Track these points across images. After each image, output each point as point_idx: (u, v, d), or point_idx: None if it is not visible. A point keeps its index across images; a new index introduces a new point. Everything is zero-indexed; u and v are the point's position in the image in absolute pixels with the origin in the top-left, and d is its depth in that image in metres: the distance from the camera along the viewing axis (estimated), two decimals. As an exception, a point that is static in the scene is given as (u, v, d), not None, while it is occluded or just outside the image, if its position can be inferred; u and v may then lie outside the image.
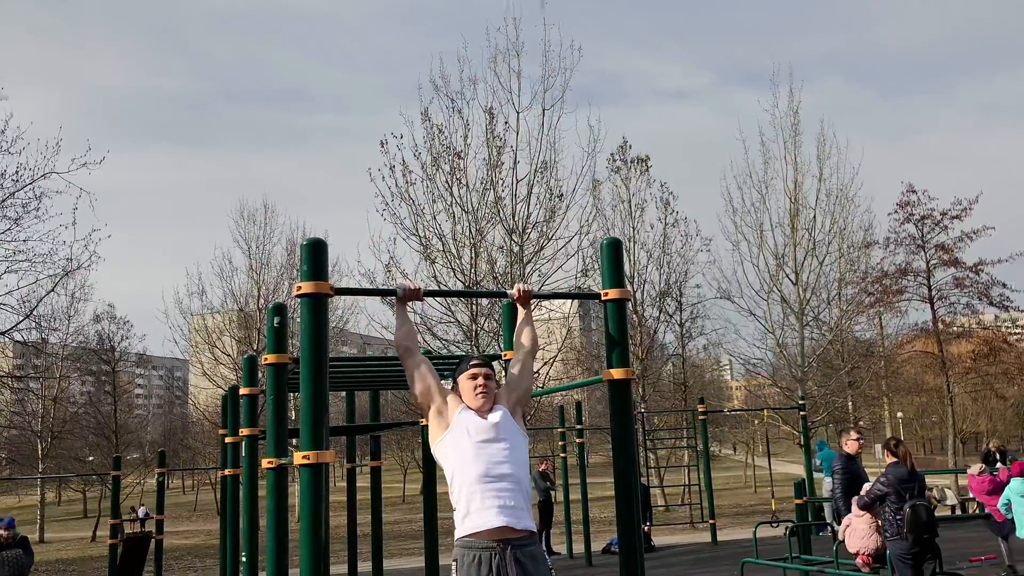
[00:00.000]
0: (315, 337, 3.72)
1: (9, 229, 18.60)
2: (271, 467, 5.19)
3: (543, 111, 20.26)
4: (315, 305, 3.74)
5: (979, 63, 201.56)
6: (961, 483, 26.56)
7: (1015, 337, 36.59)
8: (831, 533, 11.47)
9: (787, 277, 25.84)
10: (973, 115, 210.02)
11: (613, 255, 4.38)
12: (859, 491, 7.99)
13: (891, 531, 7.33)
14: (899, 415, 45.08)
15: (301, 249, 3.82)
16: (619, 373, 4.21)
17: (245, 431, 7.53)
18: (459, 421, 3.86)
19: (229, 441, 9.66)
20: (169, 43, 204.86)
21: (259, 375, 7.82)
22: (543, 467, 17.41)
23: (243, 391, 7.59)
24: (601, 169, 30.43)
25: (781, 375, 28.73)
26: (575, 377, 30.91)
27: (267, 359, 5.31)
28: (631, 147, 28.38)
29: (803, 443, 17.51)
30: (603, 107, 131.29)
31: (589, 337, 40.51)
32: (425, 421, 3.98)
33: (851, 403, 30.36)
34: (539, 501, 16.41)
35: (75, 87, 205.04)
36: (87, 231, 29.06)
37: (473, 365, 4.00)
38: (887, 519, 7.38)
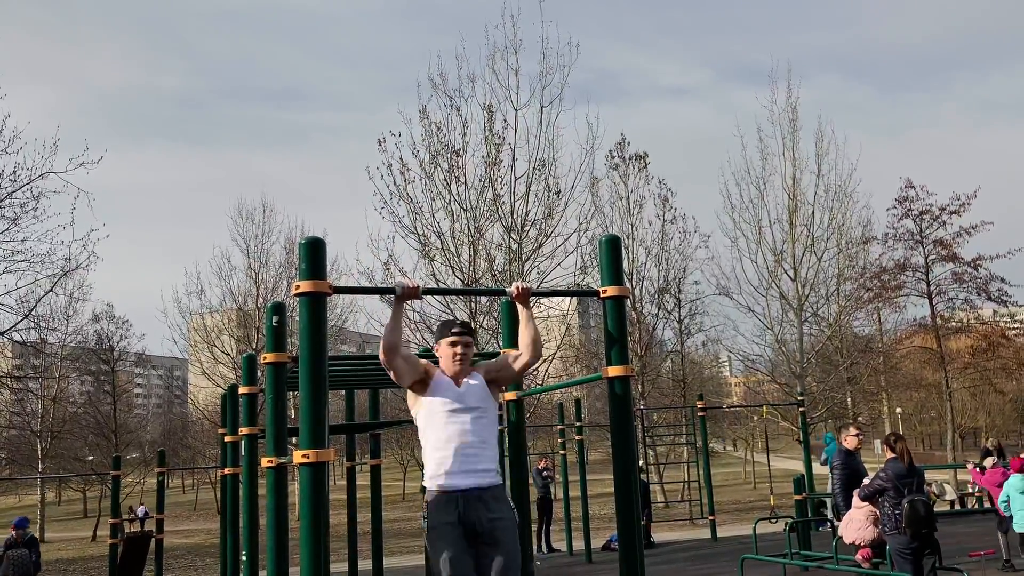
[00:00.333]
0: (314, 336, 3.72)
1: (7, 229, 18.60)
2: (271, 466, 5.20)
3: (541, 108, 20.26)
4: (314, 304, 3.74)
5: (977, 59, 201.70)
6: (960, 478, 26.63)
7: (1013, 332, 36.56)
8: (830, 529, 11.49)
9: (786, 273, 25.86)
10: (971, 111, 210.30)
11: (612, 252, 4.38)
12: (858, 487, 8.00)
13: (890, 526, 7.34)
14: (898, 411, 45.11)
15: (299, 248, 3.82)
16: (618, 370, 4.21)
17: (245, 430, 7.53)
18: (436, 388, 4.12)
19: (229, 440, 9.66)
20: (167, 41, 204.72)
21: (258, 374, 7.83)
22: (542, 464, 17.42)
23: (242, 390, 7.59)
24: (599, 166, 30.51)
25: (780, 371, 28.75)
26: (574, 374, 30.92)
27: (266, 358, 5.31)
28: (629, 144, 28.44)
29: (802, 439, 17.52)
30: (601, 104, 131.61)
31: (588, 334, 40.56)
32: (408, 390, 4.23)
33: (850, 399, 30.38)
34: (538, 498, 16.43)
35: (73, 86, 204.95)
36: (85, 231, 29.05)
37: (454, 333, 4.22)
38: (886, 514, 7.40)
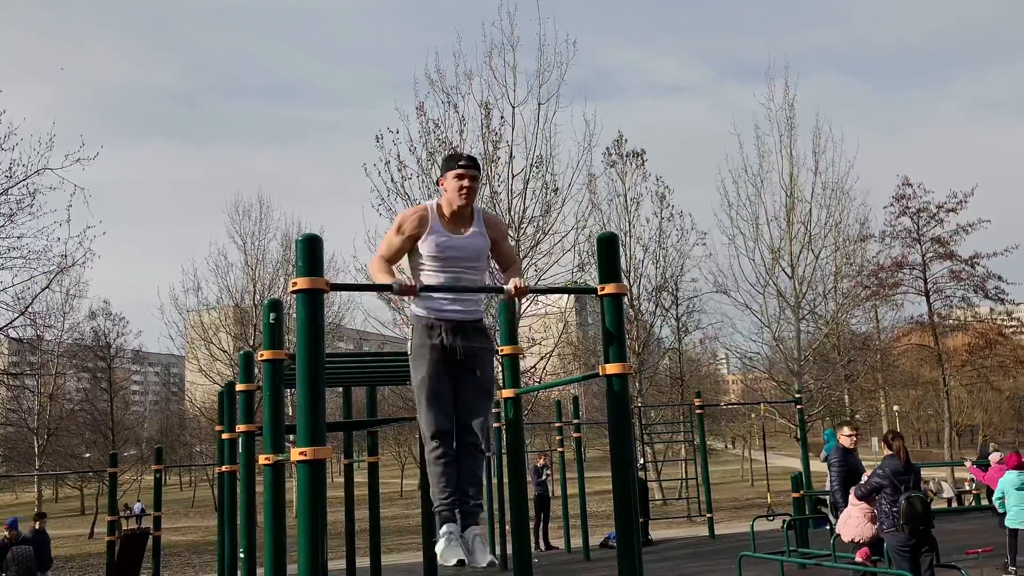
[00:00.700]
0: (311, 333, 3.71)
1: (3, 226, 18.56)
2: (268, 463, 5.19)
3: (539, 105, 20.25)
4: (311, 301, 3.72)
5: (974, 57, 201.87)
6: (958, 476, 26.68)
7: (1010, 330, 36.70)
8: (828, 528, 11.50)
9: (783, 271, 25.89)
10: (968, 109, 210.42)
11: (609, 249, 4.37)
12: (856, 484, 8.01)
13: (887, 523, 7.35)
14: (895, 408, 45.18)
15: (296, 245, 3.81)
16: (616, 368, 4.20)
17: (242, 427, 7.52)
18: (432, 234, 4.14)
19: (226, 437, 9.65)
20: (163, 38, 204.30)
21: (255, 371, 7.81)
22: (540, 462, 17.43)
23: (239, 387, 7.58)
24: (597, 164, 30.42)
25: (777, 369, 28.76)
26: (572, 372, 30.94)
27: (263, 355, 5.29)
28: (627, 141, 28.40)
29: (800, 437, 17.53)
30: (599, 101, 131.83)
31: (586, 332, 40.56)
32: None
33: (847, 396, 30.43)
34: (536, 496, 16.43)
35: (68, 82, 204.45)
36: (81, 228, 28.96)
37: (462, 165, 4.19)
38: (883, 511, 7.41)
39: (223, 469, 10.05)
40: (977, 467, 12.67)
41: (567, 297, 29.04)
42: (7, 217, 18.48)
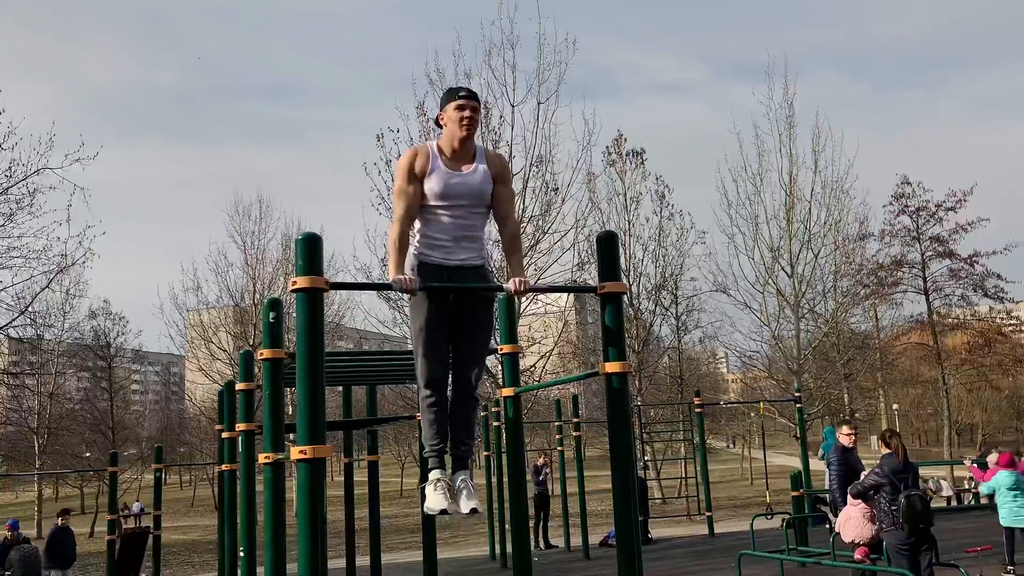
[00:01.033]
0: (310, 332, 3.71)
1: (3, 225, 18.58)
2: (268, 462, 5.19)
3: (538, 105, 20.28)
4: (310, 300, 3.73)
5: (973, 56, 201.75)
6: (957, 474, 26.69)
7: (1010, 328, 36.69)
8: (828, 527, 11.52)
9: (782, 270, 25.89)
10: (967, 108, 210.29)
11: (609, 248, 4.37)
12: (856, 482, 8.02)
13: (887, 522, 7.36)
14: (895, 407, 45.20)
15: (296, 244, 3.81)
16: (615, 366, 4.20)
17: (242, 426, 7.52)
18: (434, 175, 4.02)
19: (226, 436, 9.65)
20: (162, 37, 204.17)
21: (255, 370, 7.82)
22: (540, 461, 17.43)
23: (239, 386, 7.58)
24: (596, 163, 30.44)
25: (777, 368, 28.78)
26: (572, 371, 30.93)
27: (263, 354, 5.30)
28: (626, 140, 28.40)
29: (799, 435, 17.55)
30: (598, 101, 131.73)
31: (585, 331, 40.54)
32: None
33: (847, 395, 30.44)
34: (535, 494, 16.44)
35: (68, 82, 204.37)
36: (81, 227, 28.94)
37: (462, 96, 4.09)
38: (882, 510, 7.41)
39: (223, 468, 10.05)
40: (976, 466, 12.69)
41: (567, 296, 29.02)
42: (7, 217, 18.52)
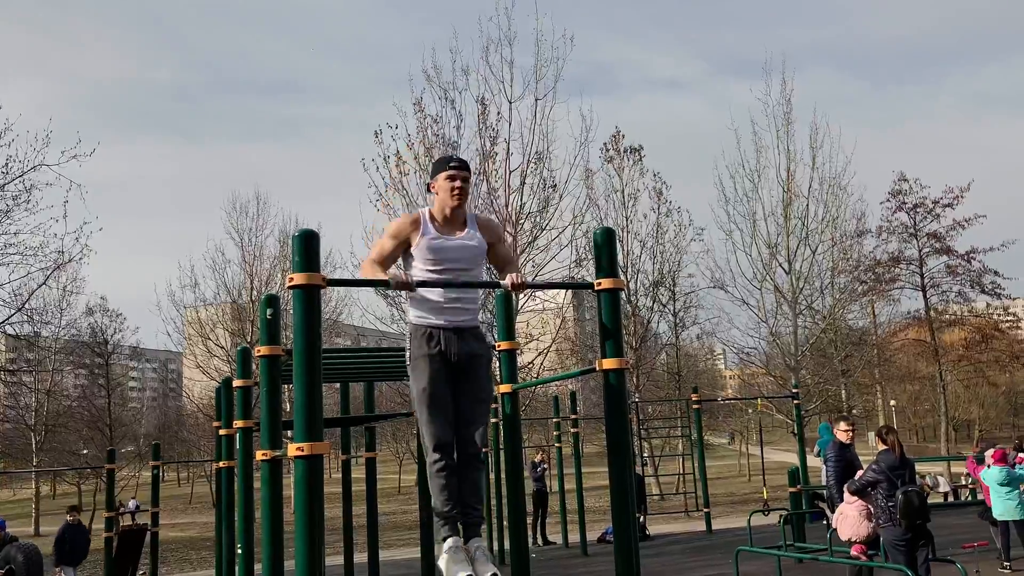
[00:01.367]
0: (307, 329, 3.70)
1: (0, 222, 18.53)
2: (265, 459, 5.18)
3: (535, 101, 20.26)
4: (307, 296, 3.72)
5: (970, 53, 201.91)
6: (954, 470, 26.74)
7: (1006, 324, 36.81)
8: (825, 523, 11.53)
9: (780, 266, 25.90)
10: (964, 104, 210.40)
11: (607, 245, 4.37)
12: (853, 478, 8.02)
13: (883, 518, 7.37)
14: (892, 403, 45.27)
15: (293, 240, 3.81)
16: (613, 363, 4.20)
17: (239, 423, 7.51)
18: (426, 240, 4.11)
19: (223, 433, 9.65)
20: (159, 34, 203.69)
21: (253, 367, 7.81)
22: (538, 458, 17.45)
23: (237, 383, 7.57)
24: (594, 159, 30.43)
25: (775, 364, 28.80)
26: (569, 367, 30.95)
27: (260, 351, 5.29)
28: (624, 137, 28.38)
29: (797, 432, 17.57)
30: (595, 97, 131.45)
31: (583, 327, 40.57)
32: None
33: (844, 391, 30.50)
34: (534, 491, 16.45)
35: (64, 78, 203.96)
36: (78, 224, 28.88)
37: (452, 167, 4.18)
38: (879, 506, 7.42)
39: (221, 465, 10.05)
40: (976, 461, 12.71)
41: (565, 292, 29.02)
42: (3, 213, 18.51)
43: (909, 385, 41.35)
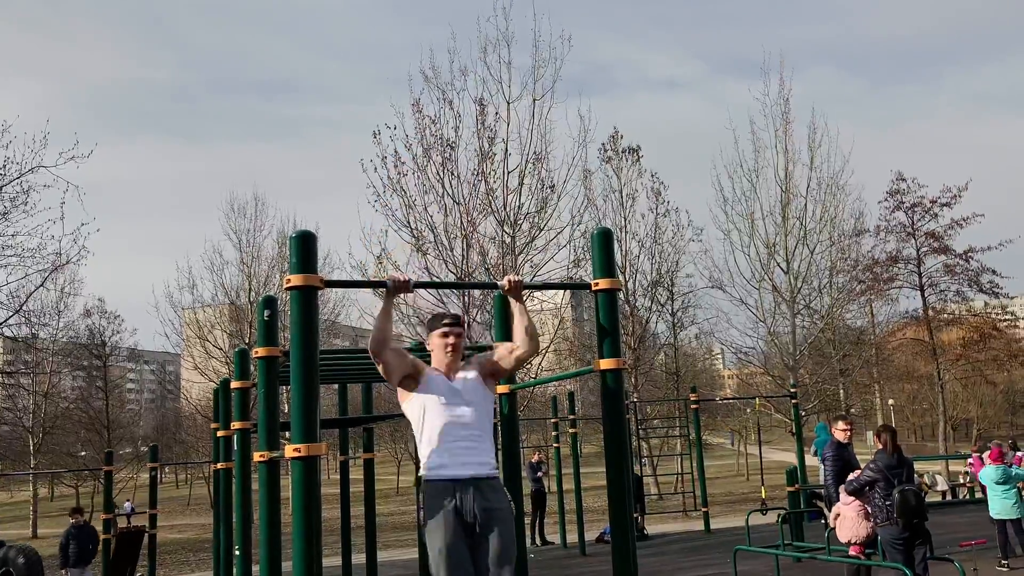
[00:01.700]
0: (305, 330, 3.70)
1: (-3, 224, 18.52)
2: (263, 460, 5.18)
3: (534, 101, 20.24)
4: (305, 298, 3.72)
5: (968, 53, 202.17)
6: (952, 469, 26.75)
7: (1005, 324, 36.80)
8: (823, 522, 11.54)
9: (778, 266, 25.90)
10: (963, 104, 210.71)
11: (604, 245, 4.37)
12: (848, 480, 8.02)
13: (881, 517, 7.37)
14: (890, 402, 45.28)
15: (290, 241, 3.81)
16: (611, 363, 4.21)
17: (237, 424, 7.50)
18: (429, 384, 4.11)
19: (221, 435, 9.64)
20: (157, 34, 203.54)
21: (251, 368, 7.80)
22: (536, 458, 17.44)
23: (234, 385, 7.56)
24: (592, 159, 30.37)
25: (773, 363, 28.81)
26: (567, 367, 30.96)
27: (258, 352, 5.29)
28: (622, 137, 28.36)
29: (795, 431, 17.58)
30: (594, 97, 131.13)
31: (581, 327, 40.60)
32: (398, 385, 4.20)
33: (843, 391, 30.50)
34: (532, 491, 16.44)
35: (62, 79, 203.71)
36: (76, 225, 28.77)
37: (445, 324, 4.23)
38: (876, 505, 7.43)
39: (219, 466, 10.04)
40: (980, 459, 12.74)
41: (563, 293, 29.00)
42: (1, 216, 18.46)
43: (907, 384, 41.34)
